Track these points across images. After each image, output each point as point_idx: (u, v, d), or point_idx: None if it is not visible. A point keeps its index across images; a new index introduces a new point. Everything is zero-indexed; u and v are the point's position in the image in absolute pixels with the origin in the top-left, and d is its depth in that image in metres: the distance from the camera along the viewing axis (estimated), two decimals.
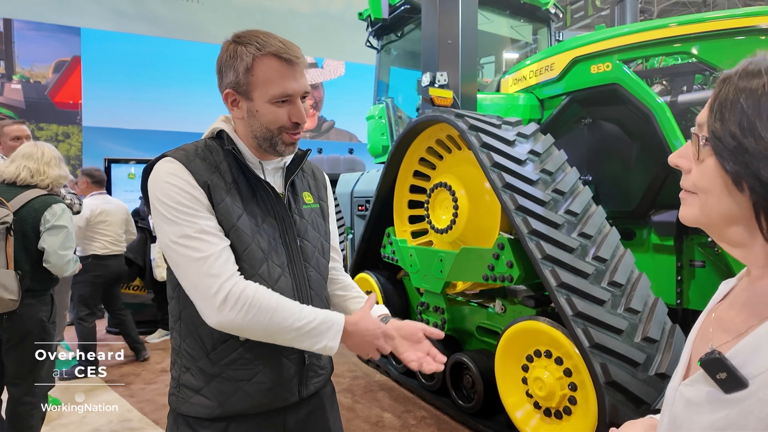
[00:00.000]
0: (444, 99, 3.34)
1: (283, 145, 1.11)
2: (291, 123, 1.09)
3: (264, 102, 1.06)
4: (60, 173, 2.42)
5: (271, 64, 1.05)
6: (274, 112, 1.07)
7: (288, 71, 1.06)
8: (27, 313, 2.24)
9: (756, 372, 0.51)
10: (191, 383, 1.09)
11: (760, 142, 0.50)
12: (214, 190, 1.05)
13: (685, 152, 0.62)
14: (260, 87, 1.05)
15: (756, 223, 0.53)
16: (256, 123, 1.09)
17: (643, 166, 3.15)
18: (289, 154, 1.15)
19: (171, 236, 1.01)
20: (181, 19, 11.70)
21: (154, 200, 1.04)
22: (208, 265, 0.99)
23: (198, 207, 1.02)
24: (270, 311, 1.00)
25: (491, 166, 2.63)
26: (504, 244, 2.64)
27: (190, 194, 1.02)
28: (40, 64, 10.86)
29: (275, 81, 1.05)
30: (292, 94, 1.07)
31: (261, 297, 1.00)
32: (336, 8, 13.26)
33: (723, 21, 2.76)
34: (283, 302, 1.02)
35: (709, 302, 0.70)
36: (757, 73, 0.53)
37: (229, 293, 0.98)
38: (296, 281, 1.14)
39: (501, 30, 4.88)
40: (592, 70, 3.26)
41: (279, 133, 1.09)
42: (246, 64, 1.04)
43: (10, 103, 10.53)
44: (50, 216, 2.30)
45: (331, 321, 1.03)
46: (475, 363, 2.83)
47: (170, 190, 1.02)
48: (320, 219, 1.26)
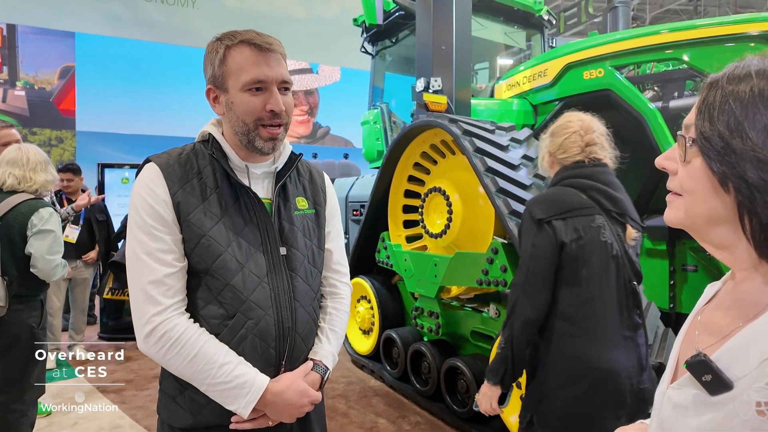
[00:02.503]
0: (438, 104, 3.35)
1: (261, 141, 1.08)
2: (267, 112, 1.05)
3: (238, 91, 1.05)
4: (47, 178, 2.38)
5: (242, 51, 1.04)
6: (249, 100, 1.05)
7: (260, 57, 1.04)
8: (15, 319, 2.22)
9: (741, 374, 0.52)
10: (169, 390, 1.09)
11: (746, 142, 0.51)
12: (185, 200, 1.04)
13: (671, 154, 0.63)
14: (233, 75, 1.04)
15: (740, 225, 0.54)
16: (233, 116, 1.07)
17: (635, 172, 3.16)
18: (270, 151, 1.11)
19: (128, 247, 1.04)
20: (176, 24, 11.69)
21: (129, 206, 1.06)
22: (147, 291, 1.00)
23: (157, 225, 1.02)
24: (187, 358, 0.99)
25: (485, 171, 2.64)
26: (498, 249, 2.64)
27: (153, 209, 1.02)
28: (45, 69, 10.58)
29: (246, 67, 1.04)
30: (264, 79, 1.04)
31: (184, 341, 0.99)
32: (331, 14, 13.30)
33: (713, 28, 2.80)
34: (205, 352, 0.99)
35: (695, 305, 0.71)
36: (745, 77, 0.54)
37: (156, 328, 0.99)
38: (275, 291, 1.09)
39: (495, 36, 4.91)
40: (584, 76, 3.29)
41: (255, 127, 1.06)
42: (220, 56, 1.05)
43: (14, 110, 10.22)
44: (37, 220, 2.28)
45: (249, 387, 1.00)
46: (469, 368, 2.82)
47: (138, 201, 1.04)
48: (314, 225, 1.22)
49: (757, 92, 0.52)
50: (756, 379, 0.50)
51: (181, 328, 1.00)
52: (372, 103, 5.22)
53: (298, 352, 1.13)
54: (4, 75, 10.32)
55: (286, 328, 1.10)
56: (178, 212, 1.03)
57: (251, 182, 1.13)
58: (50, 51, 10.60)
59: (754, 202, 0.51)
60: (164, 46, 11.57)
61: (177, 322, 1.00)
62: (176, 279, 1.03)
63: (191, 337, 1.00)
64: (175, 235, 1.03)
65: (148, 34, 11.46)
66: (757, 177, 0.51)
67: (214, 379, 0.99)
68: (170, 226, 1.03)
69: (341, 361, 4.18)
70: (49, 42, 10.60)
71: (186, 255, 1.05)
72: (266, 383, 1.02)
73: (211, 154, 1.09)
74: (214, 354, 1.00)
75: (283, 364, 1.11)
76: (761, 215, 0.51)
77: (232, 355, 1.02)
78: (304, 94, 13.12)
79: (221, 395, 1.00)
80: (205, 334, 1.02)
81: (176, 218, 1.03)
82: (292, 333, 1.11)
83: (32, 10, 10.41)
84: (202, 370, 0.99)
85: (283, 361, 1.10)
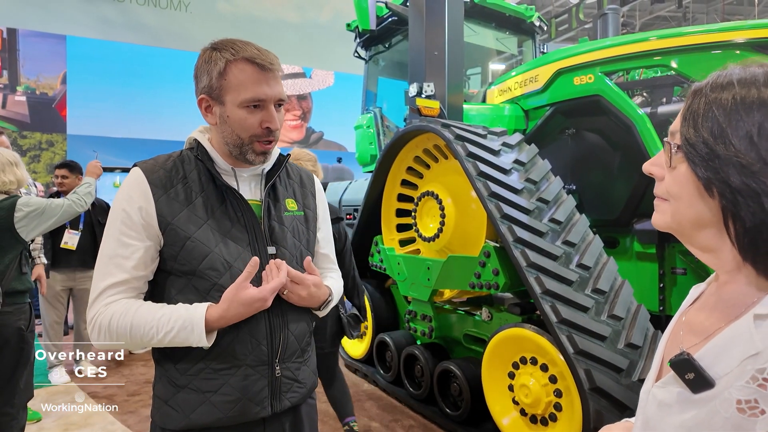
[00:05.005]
0: (431, 109, 3.38)
1: (253, 154, 1.10)
2: (262, 129, 1.07)
3: (235, 107, 1.06)
4: (11, 179, 2.32)
5: (244, 69, 1.05)
6: (246, 117, 1.06)
7: (261, 76, 1.06)
8: (5, 322, 2.21)
9: (722, 372, 0.53)
10: (161, 393, 1.10)
11: (729, 148, 0.53)
12: (169, 204, 1.06)
13: (658, 160, 0.65)
14: (232, 91, 1.05)
15: (724, 228, 0.56)
16: (227, 129, 1.08)
17: (625, 176, 3.21)
18: (259, 163, 1.14)
19: (100, 248, 1.07)
20: (169, 28, 11.65)
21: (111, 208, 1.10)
22: (101, 292, 1.04)
23: (128, 231, 1.04)
24: (126, 334, 1.02)
25: (477, 175, 2.66)
26: (490, 252, 2.67)
27: (127, 215, 1.04)
28: (48, 74, 10.34)
29: (247, 85, 1.05)
30: (264, 99, 1.06)
31: (116, 324, 1.02)
32: (325, 18, 13.32)
33: (700, 35, 2.85)
34: (138, 321, 1.01)
35: (681, 306, 0.73)
36: (728, 85, 0.56)
37: (92, 322, 1.04)
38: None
39: (487, 42, 4.95)
40: (575, 81, 3.33)
41: (250, 141, 1.08)
42: (219, 68, 1.05)
43: (14, 116, 9.95)
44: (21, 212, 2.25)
45: (190, 324, 1.00)
46: (462, 371, 2.83)
47: (115, 205, 1.07)
48: (303, 227, 1.23)
49: (739, 100, 0.54)
50: (737, 378, 0.51)
51: (110, 311, 1.02)
52: (365, 108, 5.24)
53: (291, 350, 1.15)
54: (4, 80, 10.08)
55: (276, 326, 1.11)
56: (160, 217, 1.05)
57: (239, 184, 1.14)
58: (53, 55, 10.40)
59: (738, 206, 0.53)
60: (157, 49, 11.52)
61: (104, 310, 1.03)
62: (132, 288, 1.06)
63: (119, 316, 1.02)
64: (143, 242, 1.05)
65: (141, 38, 11.41)
66: (739, 182, 0.52)
67: (161, 335, 1.00)
68: (141, 232, 1.04)
69: None
70: (51, 46, 10.41)
71: (172, 258, 1.06)
72: (203, 312, 1.01)
73: (197, 156, 1.11)
74: (147, 315, 1.01)
75: (277, 362, 1.12)
76: (744, 219, 0.53)
77: (165, 308, 1.03)
78: (297, 98, 13.10)
79: (176, 341, 1.01)
80: (134, 305, 1.03)
81: (156, 224, 1.05)
82: (285, 330, 1.13)
83: (25, 14, 10.29)
84: (145, 335, 1.01)
85: (276, 358, 1.12)
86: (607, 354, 2.13)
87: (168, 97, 11.38)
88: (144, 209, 1.04)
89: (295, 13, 13.16)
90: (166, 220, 1.05)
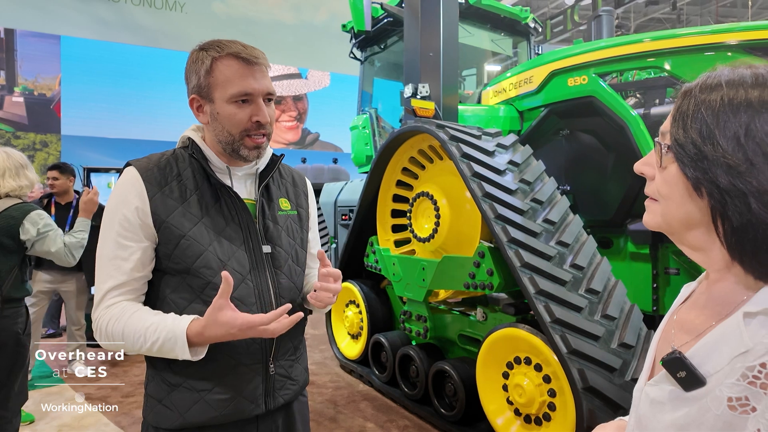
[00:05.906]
0: (426, 110, 3.38)
1: (246, 150, 1.10)
2: (252, 123, 1.08)
3: (224, 102, 1.06)
4: (25, 183, 2.33)
5: (230, 64, 1.06)
6: (235, 112, 1.06)
7: (247, 70, 1.06)
8: (3, 326, 2.19)
9: (713, 370, 0.54)
10: (155, 393, 1.09)
11: (717, 149, 0.54)
12: (164, 202, 1.06)
13: (649, 160, 0.66)
14: (220, 87, 1.06)
15: (713, 228, 0.56)
16: (218, 126, 1.09)
17: (618, 177, 3.23)
18: (254, 159, 1.13)
19: (98, 249, 1.08)
20: (164, 28, 11.62)
21: (105, 208, 1.10)
22: (101, 294, 1.05)
23: (124, 232, 1.04)
24: (123, 337, 1.03)
25: (471, 176, 2.67)
26: (484, 253, 2.67)
27: (125, 217, 1.04)
28: (46, 75, 10.29)
29: (234, 80, 1.05)
30: (251, 92, 1.06)
31: (111, 329, 1.03)
32: (320, 19, 13.32)
33: (693, 37, 2.87)
34: (129, 329, 1.01)
35: (672, 305, 0.74)
36: (716, 86, 0.56)
37: (95, 323, 1.05)
38: (259, 288, 1.11)
39: (482, 43, 4.97)
40: (569, 83, 3.35)
41: (241, 137, 1.08)
42: (206, 67, 1.06)
43: (11, 117, 9.87)
44: (30, 225, 2.26)
45: (174, 338, 0.98)
46: (457, 371, 2.84)
47: (111, 206, 1.07)
48: (297, 226, 1.24)
49: (727, 101, 0.54)
50: (727, 375, 0.52)
51: (108, 315, 1.03)
52: (361, 109, 5.24)
53: (284, 348, 1.16)
54: (2, 80, 9.99)
55: None
56: (154, 216, 1.05)
57: (233, 183, 1.14)
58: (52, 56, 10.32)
59: (726, 206, 0.54)
60: (152, 50, 11.48)
61: (104, 312, 1.04)
62: (131, 290, 1.06)
63: (115, 323, 1.02)
64: (140, 243, 1.05)
65: (136, 38, 11.36)
66: (727, 182, 0.53)
67: (148, 344, 1.00)
68: (138, 233, 1.04)
69: (329, 366, 4.17)
70: (50, 47, 10.32)
71: (167, 257, 1.06)
72: (185, 327, 0.98)
73: (192, 154, 1.11)
74: (138, 323, 1.01)
75: (271, 360, 1.12)
76: (732, 219, 0.53)
77: (156, 317, 1.02)
78: (293, 99, 13.08)
79: (163, 352, 1.01)
80: (128, 310, 1.03)
81: (151, 222, 1.05)
82: None
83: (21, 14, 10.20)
84: (135, 342, 1.01)
85: (270, 357, 1.12)
86: (600, 354, 2.14)
87: (163, 97, 11.33)
88: (140, 209, 1.04)
89: (291, 14, 13.15)
90: (160, 218, 1.05)
